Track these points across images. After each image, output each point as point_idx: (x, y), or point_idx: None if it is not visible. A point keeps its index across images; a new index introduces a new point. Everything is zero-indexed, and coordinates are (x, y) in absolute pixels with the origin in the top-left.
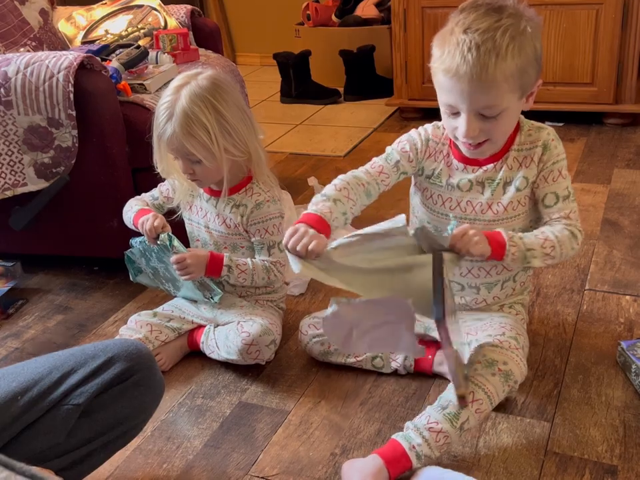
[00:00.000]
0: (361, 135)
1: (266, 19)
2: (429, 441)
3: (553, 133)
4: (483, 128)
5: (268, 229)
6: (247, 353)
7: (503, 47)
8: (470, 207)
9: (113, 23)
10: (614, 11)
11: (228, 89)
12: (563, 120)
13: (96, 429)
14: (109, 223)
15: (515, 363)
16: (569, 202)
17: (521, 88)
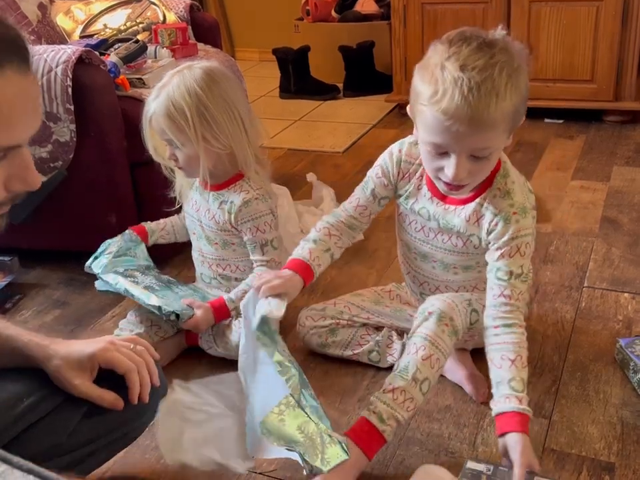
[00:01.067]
0: (360, 131)
1: (265, 14)
2: (388, 402)
3: (519, 204)
4: (471, 170)
5: (259, 226)
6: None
7: (501, 87)
8: (432, 233)
9: (111, 17)
10: (614, 8)
11: (220, 81)
12: (562, 117)
13: (98, 429)
14: (107, 217)
15: (446, 303)
16: (519, 281)
17: (513, 127)
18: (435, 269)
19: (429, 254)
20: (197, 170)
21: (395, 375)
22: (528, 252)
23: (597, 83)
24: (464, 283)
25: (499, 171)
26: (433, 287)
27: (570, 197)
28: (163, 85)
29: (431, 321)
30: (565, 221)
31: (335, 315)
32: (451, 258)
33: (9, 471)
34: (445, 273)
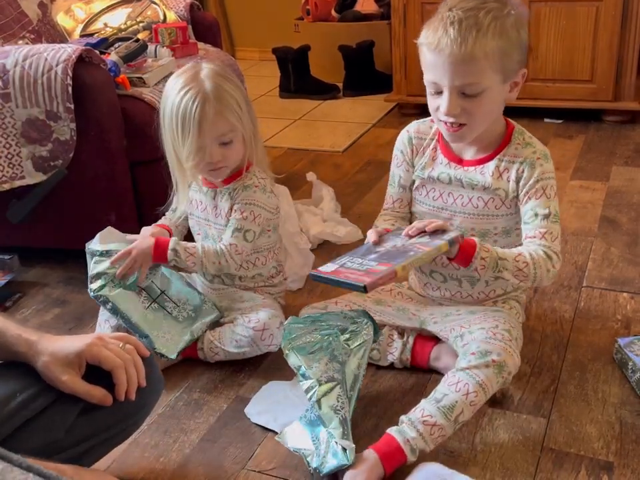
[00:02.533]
0: (360, 130)
1: (265, 14)
2: (424, 434)
3: (541, 151)
4: (464, 107)
5: (245, 211)
6: (261, 339)
7: (484, 24)
8: (452, 198)
9: (111, 16)
10: (614, 8)
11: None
12: (562, 117)
13: (95, 426)
14: (107, 216)
15: (509, 354)
16: (548, 222)
17: (502, 70)
18: None
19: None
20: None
21: (439, 410)
22: (553, 194)
23: (596, 83)
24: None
25: (515, 129)
26: (445, 261)
27: (569, 197)
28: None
29: (491, 370)
30: (564, 221)
31: None
32: (469, 222)
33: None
34: None
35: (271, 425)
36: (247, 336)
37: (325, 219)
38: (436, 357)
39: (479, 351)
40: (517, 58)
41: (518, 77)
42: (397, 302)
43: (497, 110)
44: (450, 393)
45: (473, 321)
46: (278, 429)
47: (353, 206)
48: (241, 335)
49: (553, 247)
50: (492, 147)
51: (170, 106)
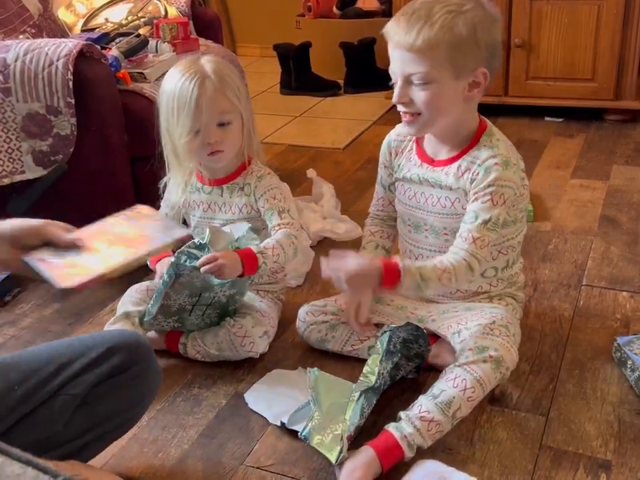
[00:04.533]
0: (361, 127)
1: (266, 10)
2: (421, 430)
3: (503, 157)
4: (413, 96)
5: (275, 196)
6: (241, 345)
7: (434, 17)
8: (423, 198)
9: (113, 11)
10: (615, 7)
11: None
12: (562, 115)
13: (93, 419)
14: (107, 211)
15: (506, 349)
16: (484, 227)
17: (453, 66)
18: (428, 237)
19: (420, 221)
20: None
21: (436, 405)
22: (500, 202)
23: (597, 82)
24: None
25: (485, 130)
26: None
27: (569, 196)
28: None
29: (488, 366)
30: (564, 220)
31: (335, 312)
32: (440, 222)
33: (8, 462)
34: (436, 240)
35: (265, 414)
36: (228, 340)
37: (325, 216)
38: (435, 355)
39: (476, 346)
40: (470, 55)
41: (477, 76)
42: (396, 300)
43: (452, 106)
44: (447, 389)
45: (470, 317)
46: (270, 418)
47: (353, 203)
48: (222, 337)
49: (478, 254)
50: (462, 146)
51: (168, 86)
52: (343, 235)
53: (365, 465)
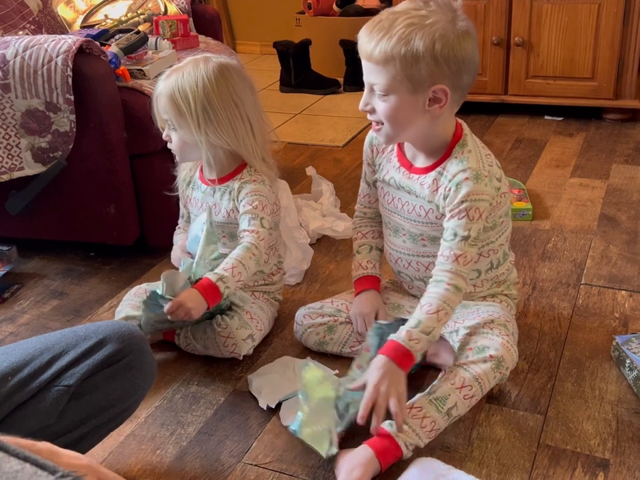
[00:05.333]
0: (360, 125)
1: (266, 7)
2: (414, 427)
3: (473, 170)
4: (374, 106)
5: (253, 202)
6: (224, 345)
7: (394, 29)
8: (400, 204)
9: (112, 8)
10: (616, 6)
11: (230, 79)
12: (562, 114)
13: (87, 410)
14: (106, 208)
15: (506, 349)
16: (465, 244)
17: (409, 80)
18: (405, 242)
19: (399, 226)
20: (189, 157)
21: (430, 402)
22: (477, 217)
23: (597, 81)
24: (434, 259)
25: (458, 142)
26: (405, 264)
27: (569, 194)
28: (177, 68)
29: (488, 365)
30: (564, 218)
31: (333, 313)
32: (416, 228)
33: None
34: (414, 245)
35: (256, 395)
36: (213, 338)
37: (324, 213)
38: (434, 353)
39: (476, 346)
40: (426, 71)
41: (436, 92)
42: (392, 298)
43: (412, 120)
44: (444, 386)
45: (467, 315)
46: (260, 402)
47: (353, 201)
48: (208, 334)
49: (463, 272)
50: (437, 155)
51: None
52: (342, 232)
53: (364, 464)
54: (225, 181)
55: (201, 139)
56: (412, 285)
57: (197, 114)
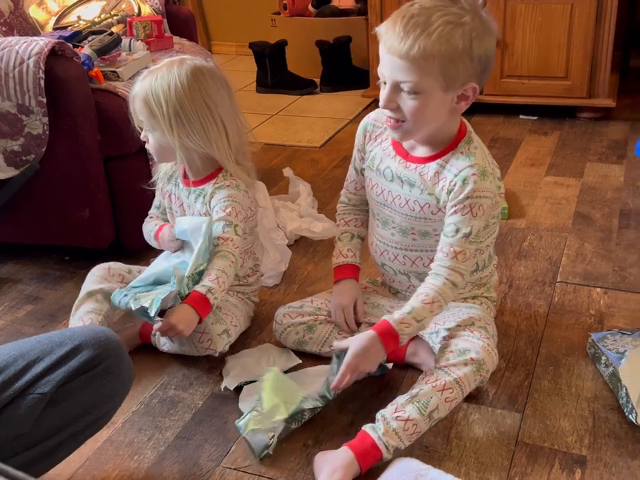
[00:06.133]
0: (337, 126)
1: (242, 8)
2: (397, 430)
3: (480, 167)
4: (400, 103)
5: (226, 208)
6: (199, 341)
7: (432, 26)
8: (391, 197)
9: (85, 9)
10: (588, 5)
11: (204, 81)
12: (537, 113)
13: (63, 418)
14: (80, 212)
15: (487, 352)
16: (465, 241)
17: (444, 78)
18: (394, 235)
19: (389, 218)
20: (165, 158)
21: (413, 405)
22: (480, 214)
23: (571, 80)
24: (422, 253)
25: (464, 137)
26: (392, 256)
27: (544, 193)
28: (153, 70)
29: (469, 368)
30: (539, 217)
31: (312, 312)
32: (408, 222)
33: None
34: (403, 238)
35: (224, 376)
36: (187, 338)
37: (301, 214)
38: (412, 353)
39: (457, 349)
40: (463, 69)
41: (466, 90)
42: (372, 298)
43: (438, 117)
44: (425, 389)
45: (448, 317)
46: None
47: (330, 202)
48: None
49: (461, 268)
50: (438, 147)
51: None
52: (319, 233)
53: (344, 466)
54: (201, 184)
55: (174, 141)
56: (394, 278)
57: (169, 117)
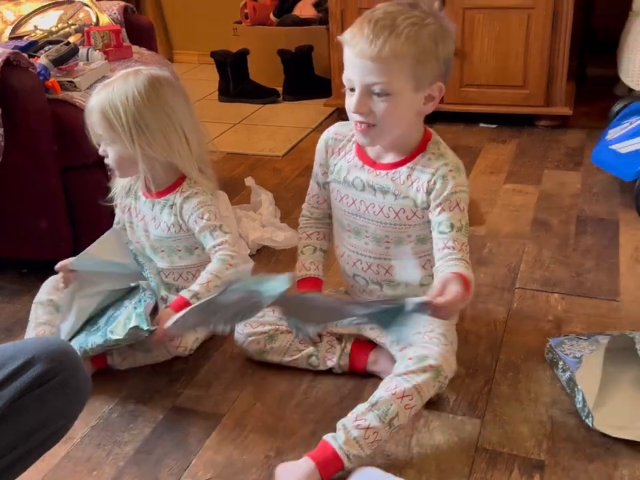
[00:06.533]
0: (300, 135)
1: (204, 17)
2: (358, 438)
3: (454, 164)
4: (372, 107)
5: (203, 215)
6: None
7: (399, 27)
8: (364, 206)
9: (42, 19)
10: (544, 15)
11: (162, 90)
12: (496, 121)
13: (16, 435)
14: (37, 223)
15: (445, 358)
16: (461, 234)
17: (414, 78)
18: (368, 244)
19: (362, 228)
20: (127, 171)
21: (373, 413)
22: (465, 207)
23: (528, 89)
24: (396, 262)
25: (431, 139)
26: (365, 266)
27: (503, 200)
28: (108, 83)
29: (428, 375)
30: (498, 224)
31: (274, 322)
32: (383, 230)
33: None
34: (377, 247)
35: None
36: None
37: (263, 224)
38: (373, 361)
39: (416, 356)
40: (430, 69)
41: (433, 90)
42: None
43: (407, 118)
44: (385, 396)
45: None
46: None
47: (293, 211)
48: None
49: (467, 258)
50: (406, 152)
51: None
52: (282, 242)
53: (306, 477)
54: (164, 195)
55: (135, 152)
56: (366, 288)
57: (129, 127)
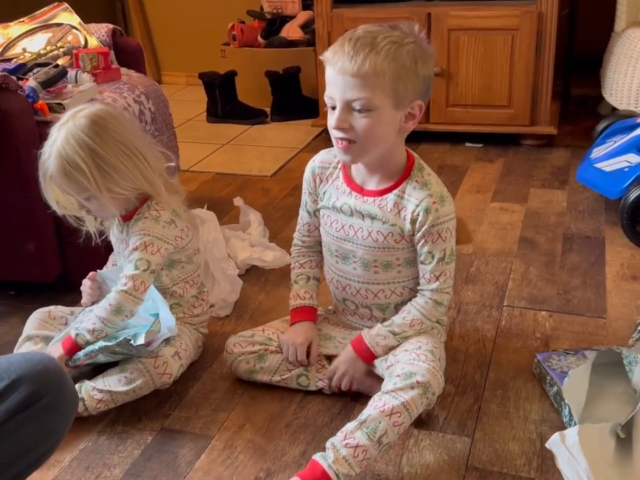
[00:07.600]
0: (288, 155)
1: (192, 39)
2: (347, 457)
3: (437, 194)
4: (353, 123)
5: (136, 242)
6: (154, 367)
7: (379, 45)
8: (352, 231)
9: (31, 41)
10: (528, 36)
11: (107, 124)
12: (482, 141)
13: (3, 460)
14: (25, 245)
15: (433, 374)
16: (442, 263)
17: (394, 95)
18: (356, 269)
19: (349, 253)
20: (112, 214)
21: (362, 431)
22: (449, 236)
23: (513, 108)
24: (384, 286)
25: (415, 165)
26: (354, 291)
27: (489, 219)
28: (52, 142)
29: (415, 391)
30: (485, 242)
31: (263, 342)
32: (371, 254)
33: None
34: (365, 272)
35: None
36: (140, 367)
37: (252, 243)
38: (361, 382)
39: (403, 373)
40: (411, 86)
41: (413, 108)
42: (324, 329)
43: (388, 136)
44: (373, 414)
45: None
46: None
47: (281, 230)
48: (132, 367)
49: (444, 288)
50: (392, 178)
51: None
52: (270, 262)
53: None
54: (129, 218)
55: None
56: (356, 311)
57: (95, 177)
